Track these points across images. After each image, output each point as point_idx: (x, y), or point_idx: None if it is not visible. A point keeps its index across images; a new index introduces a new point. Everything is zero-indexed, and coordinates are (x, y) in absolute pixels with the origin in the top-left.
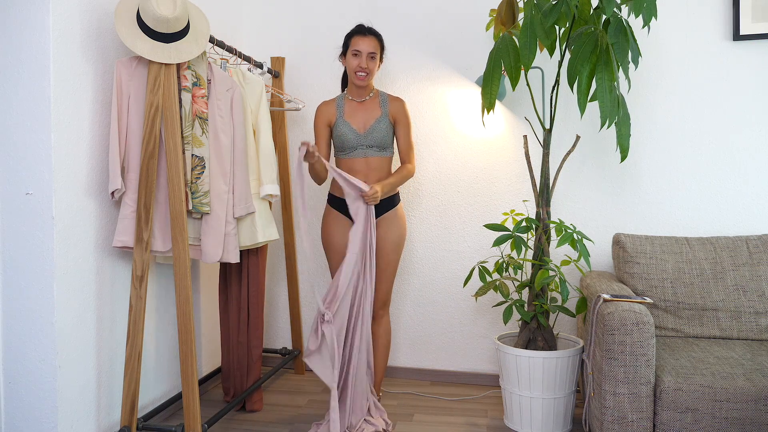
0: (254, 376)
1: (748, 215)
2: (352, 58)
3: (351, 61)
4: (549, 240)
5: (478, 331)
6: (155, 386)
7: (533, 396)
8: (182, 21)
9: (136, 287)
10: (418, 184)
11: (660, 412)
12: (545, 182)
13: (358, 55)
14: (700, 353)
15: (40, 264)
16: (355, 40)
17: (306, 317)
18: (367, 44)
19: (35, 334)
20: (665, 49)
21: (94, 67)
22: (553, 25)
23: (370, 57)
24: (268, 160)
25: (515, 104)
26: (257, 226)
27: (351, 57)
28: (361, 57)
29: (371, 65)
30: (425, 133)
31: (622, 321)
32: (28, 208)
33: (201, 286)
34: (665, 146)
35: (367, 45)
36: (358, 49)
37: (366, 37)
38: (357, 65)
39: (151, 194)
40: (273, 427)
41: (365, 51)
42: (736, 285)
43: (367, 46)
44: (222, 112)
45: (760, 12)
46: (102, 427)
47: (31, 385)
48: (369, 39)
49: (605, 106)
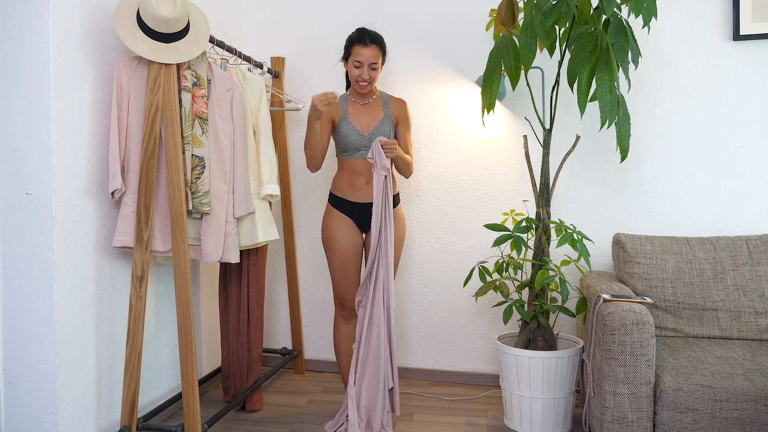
0: (254, 376)
1: (748, 215)
2: (354, 68)
3: (353, 71)
4: (549, 240)
5: (478, 331)
6: (155, 386)
7: (533, 396)
8: (182, 21)
9: (136, 287)
10: (418, 184)
11: (660, 412)
12: (545, 182)
13: (359, 66)
14: (700, 353)
15: (40, 264)
16: (356, 49)
17: (306, 317)
18: (368, 55)
19: (35, 334)
20: (665, 49)
21: (94, 67)
22: (553, 25)
23: (371, 68)
24: (268, 160)
25: (515, 104)
26: (257, 226)
27: (353, 67)
28: (363, 68)
29: (373, 75)
30: (425, 133)
31: (622, 321)
32: (28, 208)
33: (201, 286)
34: (665, 146)
35: (369, 56)
36: (360, 60)
37: (367, 47)
38: (359, 75)
39: (151, 194)
40: (273, 427)
41: (367, 62)
42: (736, 285)
43: (368, 56)
44: (222, 112)
45: (760, 12)
46: (102, 427)
47: (31, 385)
48: (370, 49)
49: (605, 106)
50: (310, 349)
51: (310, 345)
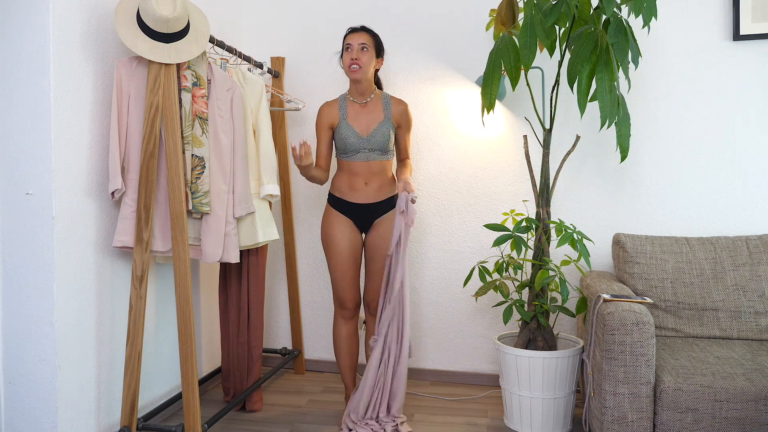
0: (254, 376)
1: (748, 215)
2: (345, 54)
3: (345, 58)
4: (549, 240)
5: (478, 331)
6: (155, 386)
7: (533, 396)
8: (182, 21)
9: (136, 287)
10: (418, 184)
11: (660, 412)
12: (545, 182)
13: (349, 49)
14: (700, 353)
15: (40, 264)
16: (347, 37)
17: (306, 317)
18: (357, 38)
19: (35, 334)
20: (665, 49)
21: (94, 67)
22: (553, 25)
23: (361, 48)
24: (268, 160)
25: (515, 104)
26: (257, 226)
27: (345, 54)
28: (353, 49)
29: (363, 57)
30: (425, 133)
31: (622, 321)
32: (28, 208)
33: (201, 286)
34: (665, 146)
35: (357, 38)
36: (350, 43)
37: (357, 33)
38: (348, 58)
39: (151, 194)
40: (273, 427)
41: (356, 43)
42: (736, 285)
43: (357, 39)
44: (222, 112)
45: (760, 12)
46: (102, 427)
47: (31, 385)
48: (359, 34)
49: (605, 106)
50: (310, 349)
51: (310, 345)
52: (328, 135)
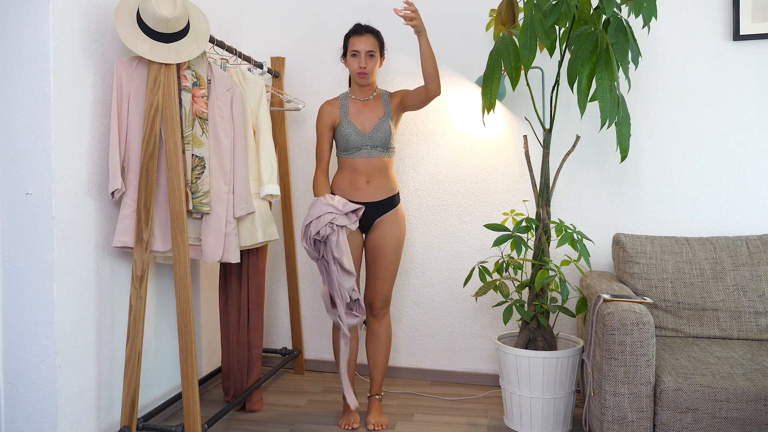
0: (254, 376)
1: (748, 215)
2: (352, 59)
3: (351, 62)
4: (549, 240)
5: (478, 331)
6: (155, 386)
7: (533, 396)
8: (182, 21)
9: (136, 287)
10: (418, 184)
11: (660, 412)
12: (545, 182)
13: (356, 55)
14: (700, 353)
15: (40, 264)
16: (352, 40)
17: (306, 317)
18: (364, 43)
19: (35, 334)
20: (665, 49)
21: (94, 67)
22: (553, 25)
23: (368, 55)
24: (268, 160)
25: (515, 104)
26: (257, 226)
27: (351, 58)
28: (360, 57)
29: (370, 64)
30: (425, 133)
31: (622, 321)
32: (28, 208)
33: (201, 286)
34: (665, 146)
35: (365, 44)
36: (356, 49)
37: (363, 36)
38: (357, 65)
39: (151, 194)
40: (273, 427)
41: (363, 50)
42: (736, 285)
43: (364, 45)
44: (222, 112)
45: (760, 12)
46: (102, 427)
47: (31, 385)
48: (366, 38)
49: (605, 106)
50: (310, 349)
51: (310, 345)
52: (329, 135)
